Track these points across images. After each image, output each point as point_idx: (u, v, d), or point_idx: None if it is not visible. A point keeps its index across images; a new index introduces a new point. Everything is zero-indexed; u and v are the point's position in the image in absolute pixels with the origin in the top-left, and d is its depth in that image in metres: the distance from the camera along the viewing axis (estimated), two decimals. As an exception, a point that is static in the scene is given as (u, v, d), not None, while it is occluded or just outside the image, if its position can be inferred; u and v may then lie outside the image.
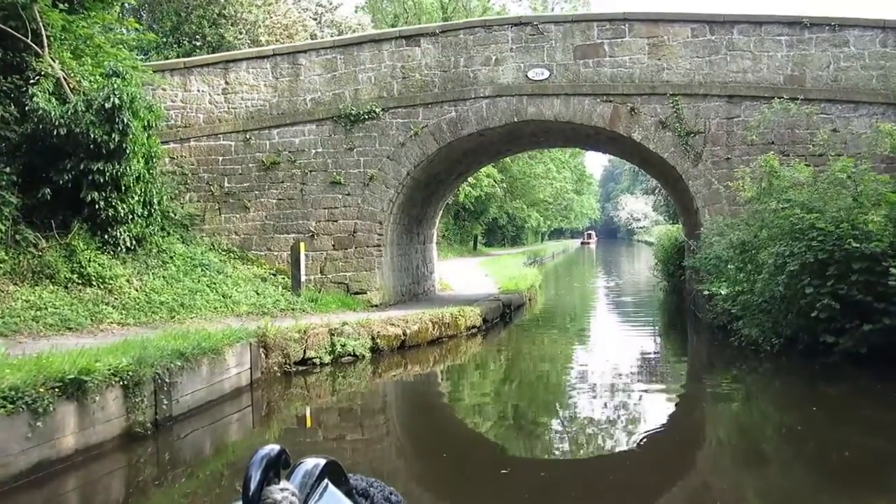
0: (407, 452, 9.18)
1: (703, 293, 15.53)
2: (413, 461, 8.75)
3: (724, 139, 16.58)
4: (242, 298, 15.20)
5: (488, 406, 11.57)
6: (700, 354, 15.93)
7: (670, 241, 24.04)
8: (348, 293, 17.38)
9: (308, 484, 0.99)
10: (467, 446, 9.20)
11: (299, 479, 1.00)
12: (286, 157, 17.63)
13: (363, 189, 17.54)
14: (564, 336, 18.38)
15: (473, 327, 16.52)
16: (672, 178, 18.00)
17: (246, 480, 0.95)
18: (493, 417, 10.83)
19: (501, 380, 13.69)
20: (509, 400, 12.11)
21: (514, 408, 11.56)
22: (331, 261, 17.52)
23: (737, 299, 13.10)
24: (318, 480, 1.01)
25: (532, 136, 19.19)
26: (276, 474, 0.98)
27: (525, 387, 13.01)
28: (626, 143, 17.92)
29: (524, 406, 11.66)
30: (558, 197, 60.46)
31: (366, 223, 17.50)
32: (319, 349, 12.58)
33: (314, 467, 1.02)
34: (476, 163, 21.00)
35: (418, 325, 14.38)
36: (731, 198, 16.43)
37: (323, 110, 17.65)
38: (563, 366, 14.67)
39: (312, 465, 1.02)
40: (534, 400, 12.18)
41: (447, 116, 17.34)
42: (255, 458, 0.97)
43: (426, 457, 8.82)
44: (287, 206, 17.66)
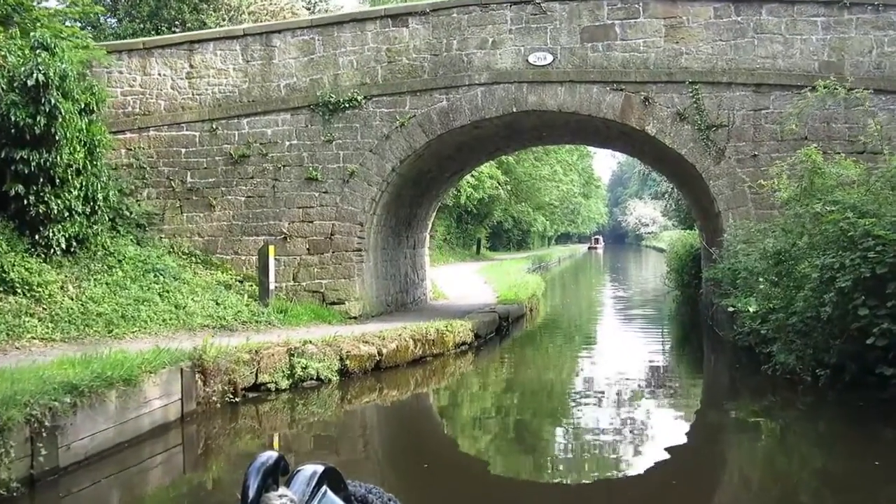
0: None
1: (725, 308, 13.54)
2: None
3: (750, 133, 14.60)
4: (198, 309, 13.29)
5: (473, 446, 9.62)
6: (720, 379, 13.91)
7: (685, 248, 22.03)
8: (324, 303, 15.46)
9: (307, 490, 1.05)
10: (447, 495, 7.27)
11: (298, 486, 1.05)
12: (257, 149, 15.73)
13: (342, 186, 15.62)
14: (566, 354, 16.38)
15: (463, 344, 14.56)
16: (690, 177, 16.02)
17: (244, 487, 1.01)
18: (478, 460, 8.87)
19: (491, 409, 11.71)
20: (500, 437, 10.14)
21: (506, 448, 9.60)
22: (305, 267, 15.60)
23: (769, 318, 11.12)
24: (317, 487, 1.06)
25: (533, 130, 17.23)
26: (274, 481, 1.04)
27: (518, 421, 11.04)
28: (639, 138, 15.95)
29: (518, 446, 9.69)
30: (565, 200, 58.46)
31: (345, 225, 15.57)
32: (275, 372, 10.65)
33: (313, 474, 1.07)
34: (472, 160, 19.06)
35: (396, 342, 12.44)
36: (759, 200, 14.44)
37: (299, 98, 15.75)
38: (562, 392, 12.69)
39: (311, 471, 1.08)
40: (528, 436, 10.22)
41: (438, 106, 15.41)
42: (254, 465, 1.03)
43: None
44: (257, 204, 15.75)
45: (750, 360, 12.94)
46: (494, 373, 13.87)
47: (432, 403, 11.83)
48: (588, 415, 10.88)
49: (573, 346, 17.41)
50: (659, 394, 12.57)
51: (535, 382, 13.15)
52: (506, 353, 15.61)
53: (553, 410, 11.51)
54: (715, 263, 14.48)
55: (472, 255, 51.62)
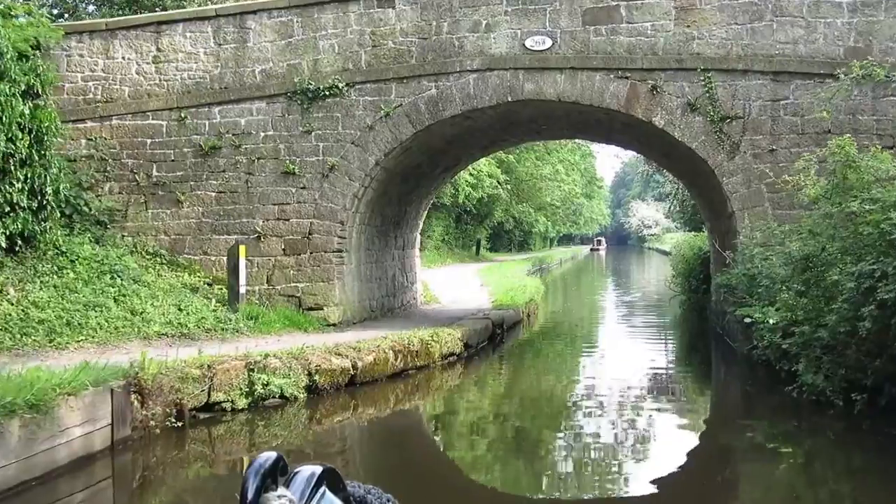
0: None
1: (740, 318, 12.23)
2: None
3: (767, 126, 13.29)
4: (157, 316, 12.01)
5: (456, 475, 8.32)
6: (733, 395, 12.58)
7: (693, 251, 20.71)
8: (300, 309, 14.17)
9: (306, 491, 1.06)
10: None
11: (297, 486, 1.06)
12: (229, 140, 14.45)
13: (322, 181, 14.33)
14: (563, 366, 15.06)
15: (451, 355, 13.26)
16: (701, 174, 14.71)
17: (244, 488, 1.02)
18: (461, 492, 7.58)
19: (478, 432, 10.40)
20: (488, 468, 8.84)
21: (494, 481, 8.30)
22: (280, 269, 14.31)
23: (793, 332, 9.82)
24: (316, 487, 1.07)
25: (530, 122, 15.93)
26: (273, 481, 1.05)
27: (508, 449, 9.73)
28: (645, 132, 14.65)
29: (506, 480, 8.40)
30: (566, 201, 57.09)
31: (324, 223, 14.29)
32: (232, 390, 9.35)
33: (311, 474, 1.08)
34: (465, 155, 17.77)
35: (374, 354, 11.14)
36: (777, 199, 13.14)
37: (275, 85, 14.46)
38: (558, 412, 11.37)
39: (310, 472, 1.09)
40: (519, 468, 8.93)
41: (426, 94, 14.12)
42: (253, 466, 1.04)
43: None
44: (229, 200, 14.47)
45: (768, 377, 11.64)
46: (484, 389, 12.56)
47: (412, 424, 10.52)
48: (586, 434, 9.60)
49: (571, 356, 16.10)
50: (665, 410, 11.28)
51: (527, 401, 11.84)
52: (498, 364, 14.30)
53: (546, 435, 10.21)
54: (728, 268, 13.17)
55: (471, 256, 50.33)
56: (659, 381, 13.24)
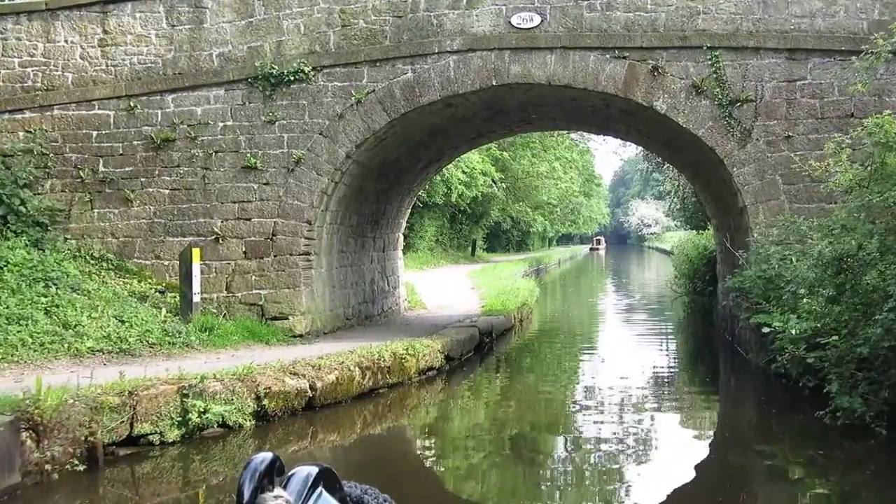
0: None
1: (755, 326, 10.81)
2: None
3: (782, 110, 11.87)
4: (93, 329, 10.55)
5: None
6: (746, 413, 11.09)
7: (697, 250, 19.26)
8: (263, 318, 12.74)
9: (302, 491, 1.05)
10: None
11: (293, 487, 1.06)
12: (184, 132, 13.03)
13: (286, 176, 12.91)
14: (555, 377, 13.59)
15: (430, 369, 11.83)
16: (707, 165, 13.29)
17: (239, 488, 1.01)
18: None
19: (456, 462, 8.95)
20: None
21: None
22: (240, 274, 12.88)
23: (820, 344, 8.40)
24: (313, 488, 1.06)
25: (520, 110, 14.50)
26: (270, 482, 1.05)
27: (493, 481, 8.29)
28: (645, 119, 13.22)
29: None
30: (564, 199, 55.65)
31: (289, 223, 12.86)
32: (160, 420, 7.92)
33: (308, 475, 1.07)
34: (449, 147, 16.32)
35: (337, 372, 9.70)
36: (794, 191, 11.73)
37: (234, 70, 13.04)
38: (546, 440, 9.92)
39: (306, 472, 1.08)
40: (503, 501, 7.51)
41: (401, 78, 12.70)
42: (249, 467, 1.04)
43: None
44: (184, 198, 13.04)
45: (788, 394, 10.22)
46: (464, 409, 11.08)
47: (378, 453, 9.05)
48: (580, 456, 8.18)
49: (565, 366, 14.63)
50: (670, 430, 9.88)
51: (513, 423, 10.37)
52: (483, 379, 12.82)
53: (535, 465, 8.77)
54: (740, 270, 11.74)
55: (466, 256, 48.87)
56: (663, 397, 11.80)
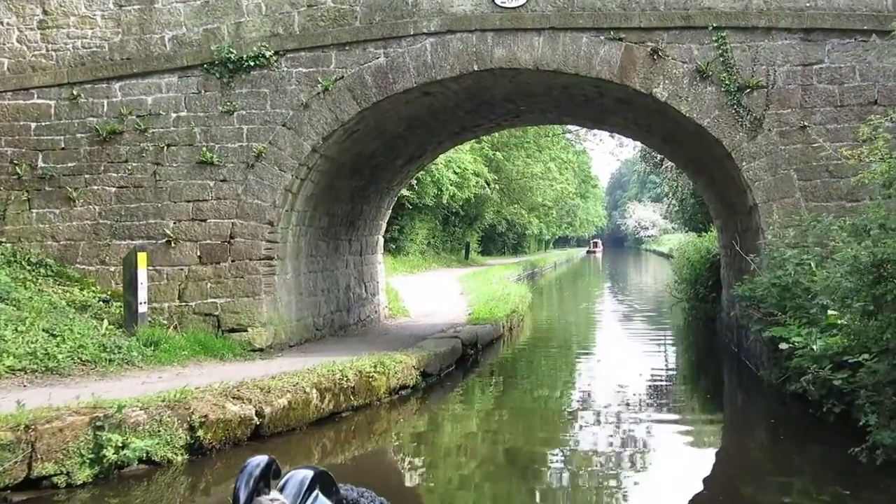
0: None
1: (769, 339, 9.55)
2: None
3: (797, 97, 10.62)
4: (18, 345, 9.24)
5: None
6: (757, 438, 9.78)
7: (699, 253, 18.00)
8: (219, 330, 11.46)
9: (298, 494, 1.07)
10: None
11: (290, 490, 1.07)
12: (133, 123, 11.76)
13: (246, 172, 11.64)
14: (545, 395, 12.25)
15: (403, 388, 10.54)
16: (712, 160, 12.04)
17: (235, 492, 1.03)
18: None
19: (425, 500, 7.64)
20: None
21: None
22: (195, 281, 11.59)
23: (848, 363, 7.15)
24: (309, 491, 1.08)
25: (506, 101, 13.23)
26: (266, 485, 1.06)
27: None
28: (644, 108, 11.98)
29: None
30: (559, 201, 54.40)
31: (249, 224, 11.58)
32: (67, 458, 6.62)
33: (304, 478, 1.09)
34: (431, 143, 15.04)
35: (290, 395, 8.41)
36: (811, 188, 10.48)
37: (189, 55, 11.78)
38: (534, 464, 8.62)
39: (303, 475, 1.09)
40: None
41: (373, 64, 11.44)
42: (245, 470, 1.06)
43: None
44: (132, 197, 11.77)
45: (807, 418, 8.95)
46: (437, 435, 9.73)
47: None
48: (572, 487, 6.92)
49: (554, 382, 13.32)
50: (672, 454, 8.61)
51: (492, 449, 9.07)
52: (463, 398, 11.48)
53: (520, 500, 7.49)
54: (751, 276, 10.49)
55: (459, 260, 47.63)
56: (663, 416, 10.50)
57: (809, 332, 8.34)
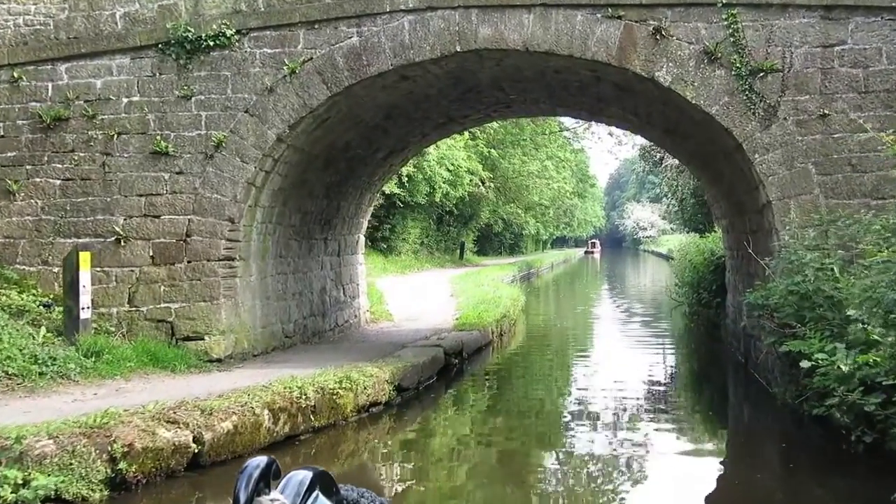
0: None
1: (786, 354, 8.44)
2: None
3: (817, 82, 9.52)
4: (-69, 355, 8.15)
5: None
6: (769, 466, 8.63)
7: (702, 256, 16.89)
8: (173, 338, 10.35)
9: (299, 494, 1.09)
10: None
11: (290, 490, 1.11)
12: (80, 109, 10.65)
13: (204, 164, 10.53)
14: (532, 410, 11.07)
15: (374, 405, 9.42)
16: (719, 152, 10.95)
17: (236, 492, 1.05)
18: None
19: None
20: None
21: None
22: (146, 283, 10.47)
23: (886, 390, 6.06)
24: (309, 491, 1.11)
25: (494, 88, 12.12)
26: (266, 485, 1.09)
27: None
28: (645, 96, 10.87)
29: None
30: (556, 200, 53.30)
31: (207, 221, 10.47)
32: (-53, 499, 5.52)
33: (304, 478, 1.12)
34: (413, 134, 13.90)
35: (236, 417, 7.29)
36: (831, 184, 9.38)
37: (143, 33, 10.67)
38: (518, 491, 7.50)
39: (302, 476, 1.13)
40: None
41: (345, 44, 10.33)
42: (245, 470, 1.09)
43: None
44: (79, 190, 10.65)
45: (830, 443, 7.86)
46: (409, 459, 8.59)
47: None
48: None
49: (546, 395, 12.16)
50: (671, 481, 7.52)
51: (471, 479, 7.95)
52: (441, 415, 10.28)
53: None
54: (763, 282, 9.39)
55: (453, 260, 46.53)
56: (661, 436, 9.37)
57: (834, 347, 7.24)
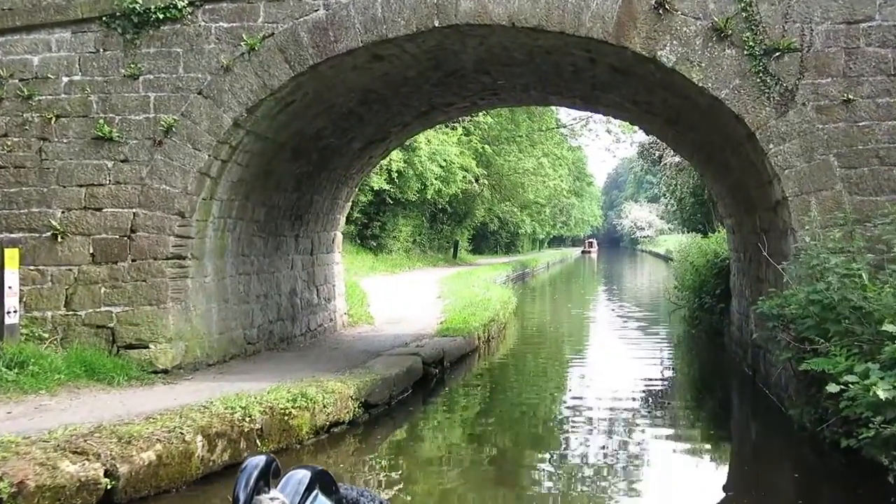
0: None
1: (805, 373, 7.35)
2: None
3: (839, 63, 8.42)
4: None
5: None
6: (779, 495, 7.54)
7: (705, 257, 15.78)
8: (114, 346, 9.23)
9: (298, 493, 1.08)
10: None
11: (290, 489, 1.10)
12: (14, 89, 9.53)
13: (152, 151, 9.42)
14: (518, 430, 9.94)
15: (336, 424, 8.32)
16: (729, 143, 9.84)
17: (236, 491, 1.04)
18: None
19: None
20: None
21: None
22: (86, 284, 9.35)
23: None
24: (309, 490, 1.10)
25: (479, 71, 11.00)
26: (266, 484, 1.08)
27: None
28: (645, 81, 9.76)
29: None
30: (552, 198, 52.20)
31: (154, 215, 9.36)
32: None
33: (304, 477, 1.12)
34: (394, 122, 12.76)
35: (161, 445, 6.18)
36: (856, 178, 8.29)
37: (85, 4, 9.54)
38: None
39: (302, 474, 1.13)
40: None
41: (310, 17, 9.22)
42: (245, 469, 1.10)
43: None
44: (11, 179, 9.52)
45: (852, 476, 6.77)
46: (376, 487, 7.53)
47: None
48: None
49: (532, 410, 11.00)
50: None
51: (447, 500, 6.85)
52: (414, 437, 9.12)
53: None
54: (779, 288, 8.29)
55: (447, 259, 45.46)
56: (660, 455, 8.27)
57: (867, 368, 6.15)
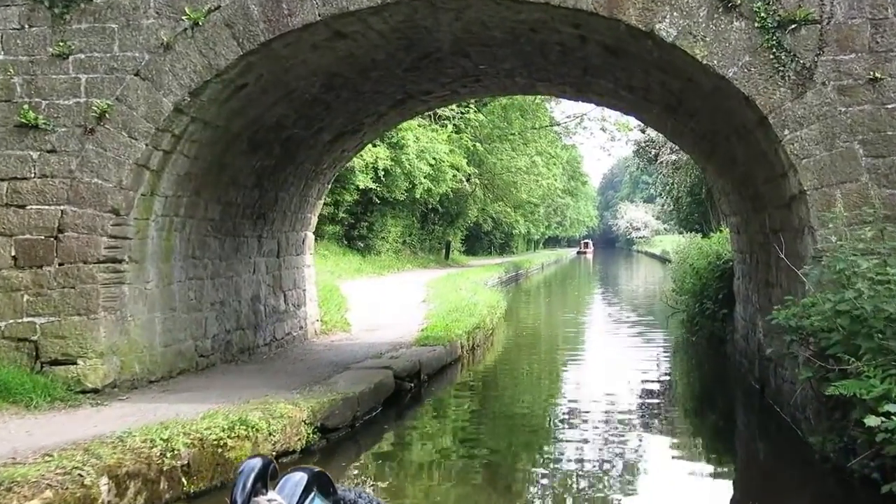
0: None
1: (826, 394, 6.26)
2: None
3: (865, 37, 7.34)
4: None
5: None
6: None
7: (706, 259, 14.69)
8: (37, 362, 8.11)
9: (296, 495, 1.12)
10: None
11: (288, 490, 1.14)
12: (-74, 70, 8.41)
13: (83, 140, 8.30)
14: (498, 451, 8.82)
15: (286, 453, 7.20)
16: (736, 130, 8.75)
17: (233, 493, 1.08)
18: None
19: None
20: None
21: None
22: (6, 291, 8.23)
23: None
24: (306, 491, 1.16)
25: (458, 54, 9.89)
26: (264, 485, 1.12)
27: None
28: (642, 62, 8.65)
29: None
30: (546, 198, 51.15)
31: (85, 213, 8.24)
32: None
33: (302, 479, 1.15)
34: (367, 112, 11.64)
35: (52, 492, 5.02)
36: (885, 168, 7.21)
37: (8, -26, 8.43)
38: None
39: (300, 476, 1.16)
40: None
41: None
42: (243, 470, 1.11)
43: None
44: (-77, 172, 8.41)
45: None
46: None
47: None
48: None
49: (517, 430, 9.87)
50: None
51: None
52: (378, 466, 7.94)
53: None
54: (797, 297, 7.21)
55: (438, 260, 44.38)
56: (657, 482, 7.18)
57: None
